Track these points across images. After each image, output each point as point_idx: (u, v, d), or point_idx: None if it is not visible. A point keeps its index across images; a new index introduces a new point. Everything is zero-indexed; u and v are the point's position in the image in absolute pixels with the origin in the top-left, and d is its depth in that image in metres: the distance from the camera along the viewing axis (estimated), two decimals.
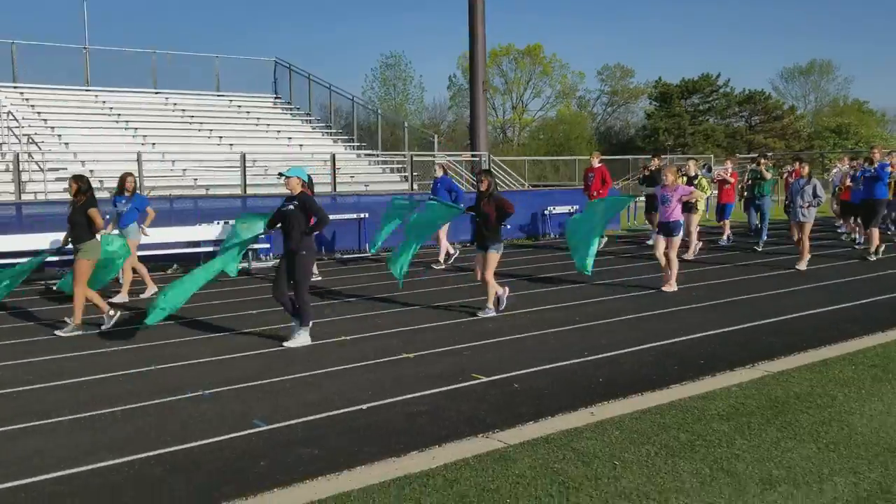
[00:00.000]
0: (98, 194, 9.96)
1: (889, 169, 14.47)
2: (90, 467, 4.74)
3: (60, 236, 9.54)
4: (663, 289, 10.75)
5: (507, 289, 9.55)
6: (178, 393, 6.25)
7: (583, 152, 47.21)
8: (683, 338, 7.92)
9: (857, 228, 16.24)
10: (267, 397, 6.13)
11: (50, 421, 5.62)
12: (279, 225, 8.23)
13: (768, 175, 16.01)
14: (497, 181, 13.34)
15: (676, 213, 10.88)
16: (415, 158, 19.98)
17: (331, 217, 16.25)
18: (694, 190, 12.11)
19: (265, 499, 4.28)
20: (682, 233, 10.96)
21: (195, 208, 15.82)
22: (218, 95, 24.92)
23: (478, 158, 21.75)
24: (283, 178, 8.09)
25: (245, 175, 16.52)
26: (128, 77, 24.15)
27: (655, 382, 6.35)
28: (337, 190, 17.95)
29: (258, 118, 23.92)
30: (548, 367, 6.89)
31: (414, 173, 19.93)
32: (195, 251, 14.73)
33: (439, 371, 6.81)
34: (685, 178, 14.60)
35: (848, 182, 16.49)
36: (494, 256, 9.22)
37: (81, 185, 8.87)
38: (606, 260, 14.19)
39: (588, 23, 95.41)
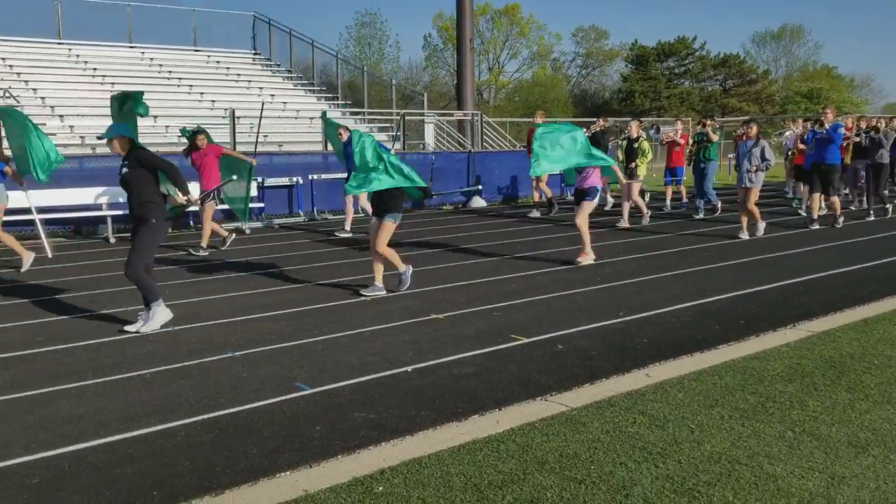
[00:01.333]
0: (81, 150, 9.66)
1: (842, 131, 13.37)
2: (134, 434, 4.41)
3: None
4: (578, 260, 9.72)
5: (409, 266, 8.36)
6: (204, 355, 5.92)
7: (559, 115, 46.95)
8: (714, 298, 7.74)
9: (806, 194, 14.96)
10: (303, 359, 5.82)
11: (75, 385, 5.27)
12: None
13: (715, 137, 15.08)
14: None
15: (593, 179, 9.93)
16: (406, 117, 19.47)
17: (322, 177, 16.25)
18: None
19: (332, 466, 4.00)
20: (597, 199, 9.96)
21: (180, 166, 15.26)
22: (195, 50, 24.07)
23: (469, 117, 21.31)
24: (106, 141, 6.77)
25: (235, 132, 15.95)
26: (101, 30, 23.27)
27: (701, 343, 6.15)
28: (328, 149, 17.43)
29: (238, 74, 23.16)
30: (587, 327, 6.66)
31: (406, 133, 19.46)
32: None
33: (474, 332, 6.55)
34: (627, 141, 14.10)
35: (800, 145, 15.58)
36: (390, 226, 8.04)
37: None
38: (604, 220, 14.00)
39: None
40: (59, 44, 21.61)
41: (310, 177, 16.08)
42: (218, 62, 23.68)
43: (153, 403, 4.91)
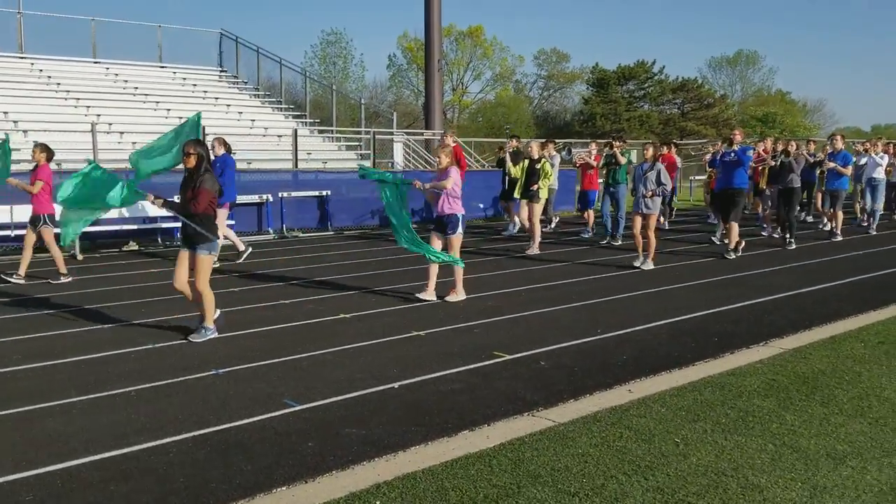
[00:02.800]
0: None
1: (751, 153, 12.72)
2: (125, 451, 4.39)
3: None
4: (447, 299, 8.61)
5: (220, 311, 7.24)
6: (188, 372, 5.90)
7: (522, 135, 47.44)
8: (687, 316, 7.93)
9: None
10: (288, 376, 5.84)
11: (60, 402, 5.22)
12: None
13: (623, 159, 14.05)
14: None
15: (454, 205, 8.63)
16: (377, 136, 19.56)
17: (292, 194, 16.21)
18: (454, 177, 8.65)
19: (328, 481, 4.03)
20: (459, 230, 8.62)
21: (148, 183, 15.12)
22: (161, 67, 23.92)
23: (437, 137, 21.47)
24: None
25: None
26: (65, 45, 23.08)
27: (678, 359, 6.31)
28: (298, 167, 17.44)
29: (205, 91, 23.06)
30: (567, 344, 6.78)
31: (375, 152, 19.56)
32: (152, 227, 14.16)
33: (457, 349, 6.63)
34: (527, 161, 13.14)
35: (707, 168, 15.44)
36: (205, 261, 6.81)
37: None
38: (573, 241, 14.21)
39: (526, 6, 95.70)
40: (22, 58, 21.33)
41: (280, 194, 16.04)
42: (184, 79, 23.55)
43: (141, 421, 4.89)
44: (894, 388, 5.55)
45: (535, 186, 12.76)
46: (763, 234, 15.19)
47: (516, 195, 13.45)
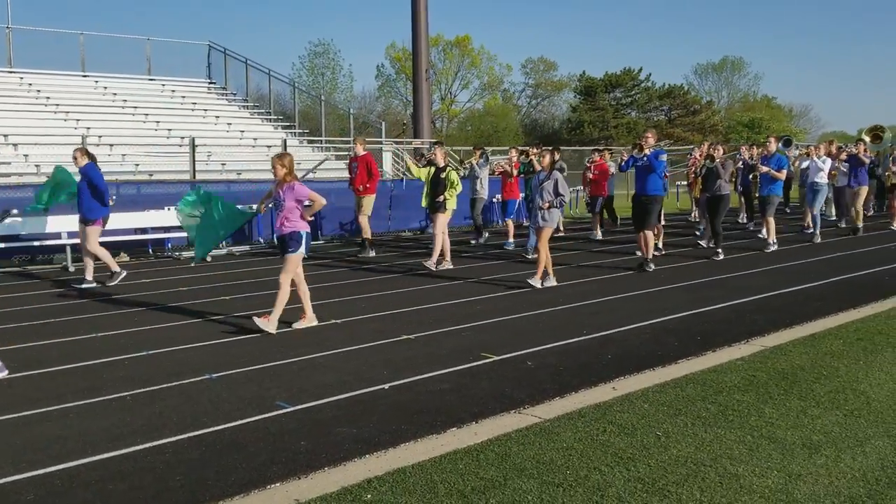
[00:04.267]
0: (35, 179, 9.76)
1: (664, 158, 11.70)
2: (122, 452, 4.51)
3: None
4: (296, 326, 7.70)
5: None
6: (182, 377, 6.02)
7: (510, 143, 47.71)
8: (669, 316, 8.09)
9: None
10: (280, 379, 5.96)
11: (56, 407, 5.33)
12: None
13: (538, 167, 11.92)
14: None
15: (294, 221, 7.55)
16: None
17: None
18: (313, 195, 7.69)
19: (321, 477, 4.16)
20: (300, 249, 7.60)
21: (138, 194, 15.25)
22: (150, 79, 24.05)
23: (426, 146, 21.64)
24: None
25: (194, 161, 15.99)
26: (54, 59, 23.18)
27: (661, 358, 6.47)
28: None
29: (194, 103, 23.21)
30: (553, 345, 6.94)
31: None
32: (142, 238, 14.24)
33: (446, 351, 6.77)
34: (433, 169, 11.98)
35: (594, 171, 15.05)
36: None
37: None
38: (563, 245, 14.37)
39: (513, 15, 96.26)
40: (11, 72, 21.42)
41: (269, 205, 16.13)
42: (173, 91, 23.69)
43: (137, 423, 5.00)
44: (870, 381, 5.73)
45: (441, 197, 11.73)
46: (700, 242, 14.19)
47: (423, 205, 12.39)
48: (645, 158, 11.16)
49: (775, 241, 13.69)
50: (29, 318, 8.41)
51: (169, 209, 14.38)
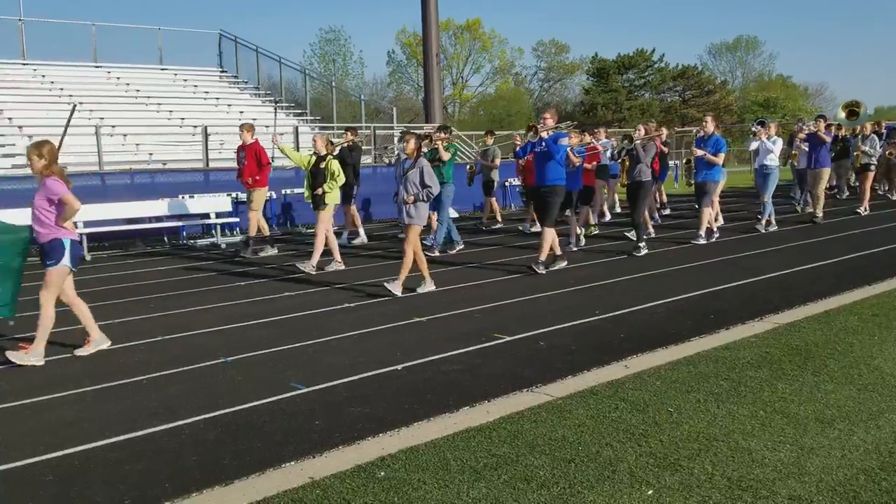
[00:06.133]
0: None
1: (565, 142, 9.84)
2: (139, 434, 4.57)
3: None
4: (79, 353, 6.39)
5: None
6: (197, 361, 6.08)
7: (522, 127, 47.57)
8: (681, 296, 8.08)
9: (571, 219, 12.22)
10: (294, 362, 6.01)
11: (72, 392, 5.40)
12: None
13: (446, 155, 11.62)
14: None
15: (50, 227, 6.24)
16: (377, 132, 19.72)
17: (296, 191, 16.38)
18: (67, 196, 6.27)
19: (335, 455, 4.20)
20: (63, 261, 6.19)
21: (153, 183, 15.35)
22: (161, 69, 24.08)
23: (433, 130, 21.61)
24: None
25: (207, 149, 16.06)
26: (66, 50, 23.14)
27: (674, 336, 6.46)
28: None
29: (206, 92, 23.23)
30: (565, 325, 6.95)
31: (375, 147, 19.72)
32: (158, 226, 14.33)
33: (458, 332, 6.80)
34: (314, 158, 10.59)
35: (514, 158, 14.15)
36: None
37: None
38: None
39: None
40: (25, 64, 21.52)
41: (283, 191, 16.22)
42: (185, 80, 23.72)
43: (153, 406, 5.07)
44: (885, 356, 5.70)
45: (320, 190, 10.30)
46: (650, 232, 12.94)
47: (306, 199, 10.88)
48: (543, 144, 9.60)
49: (704, 234, 12.16)
50: None
51: (183, 197, 14.54)
